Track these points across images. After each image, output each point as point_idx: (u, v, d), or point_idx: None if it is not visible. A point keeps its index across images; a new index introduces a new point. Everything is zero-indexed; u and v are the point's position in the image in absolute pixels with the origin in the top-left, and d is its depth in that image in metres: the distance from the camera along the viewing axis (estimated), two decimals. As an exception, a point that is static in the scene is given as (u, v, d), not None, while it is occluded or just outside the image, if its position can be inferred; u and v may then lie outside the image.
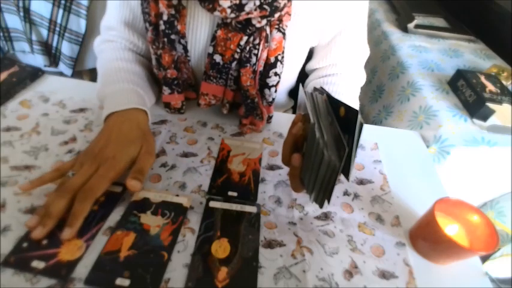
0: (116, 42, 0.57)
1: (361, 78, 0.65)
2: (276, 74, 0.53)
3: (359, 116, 0.33)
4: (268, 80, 0.53)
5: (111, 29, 0.57)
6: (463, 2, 1.26)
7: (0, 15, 1.14)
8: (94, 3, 1.15)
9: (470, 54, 1.01)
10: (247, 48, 0.50)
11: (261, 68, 0.52)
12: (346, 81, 0.61)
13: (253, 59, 0.50)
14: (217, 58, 0.51)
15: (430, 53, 1.00)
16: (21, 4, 1.10)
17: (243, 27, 0.48)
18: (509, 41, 1.04)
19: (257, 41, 0.49)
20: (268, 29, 0.49)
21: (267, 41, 0.50)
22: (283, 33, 0.50)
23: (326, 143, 0.34)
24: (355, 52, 0.62)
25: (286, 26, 0.50)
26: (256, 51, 0.50)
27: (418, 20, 1.12)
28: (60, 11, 1.13)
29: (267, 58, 0.52)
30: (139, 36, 0.57)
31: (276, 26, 0.50)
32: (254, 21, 0.47)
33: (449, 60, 0.97)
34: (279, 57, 0.52)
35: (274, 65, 0.52)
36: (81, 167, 0.41)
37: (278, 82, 0.54)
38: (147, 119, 0.51)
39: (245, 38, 0.49)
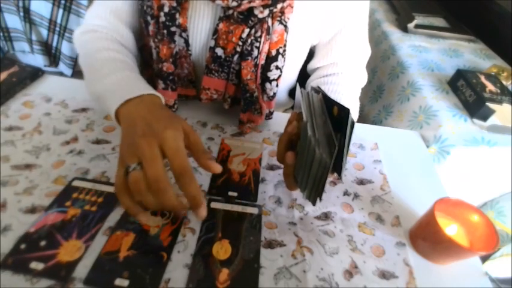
0: (100, 32, 0.53)
1: (362, 78, 0.65)
2: (277, 67, 0.53)
3: (350, 115, 0.33)
4: (269, 74, 0.53)
5: (97, 18, 0.54)
6: (463, 2, 1.26)
7: (0, 15, 1.14)
8: (94, 3, 1.15)
9: (470, 54, 1.01)
10: (249, 40, 0.50)
11: (262, 62, 0.52)
12: (347, 81, 0.61)
13: (255, 52, 0.50)
14: (219, 51, 0.51)
15: (430, 53, 1.00)
16: (21, 4, 1.10)
17: (245, 18, 0.48)
18: (509, 41, 1.04)
19: (259, 34, 0.49)
20: (270, 21, 0.49)
21: (268, 33, 0.50)
22: (285, 26, 0.51)
23: (318, 141, 0.35)
24: (356, 51, 0.62)
25: (288, 19, 0.51)
26: (257, 44, 0.50)
27: (418, 20, 1.12)
28: (60, 11, 1.13)
29: (268, 51, 0.52)
30: (126, 28, 0.54)
31: (278, 18, 0.50)
32: (256, 12, 0.47)
33: (449, 60, 0.97)
34: (281, 50, 0.52)
35: (275, 58, 0.52)
36: (141, 157, 0.33)
37: (279, 76, 0.54)
38: (163, 103, 0.44)
39: (247, 30, 0.49)
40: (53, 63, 1.27)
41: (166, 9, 0.48)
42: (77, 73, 1.30)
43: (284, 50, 0.52)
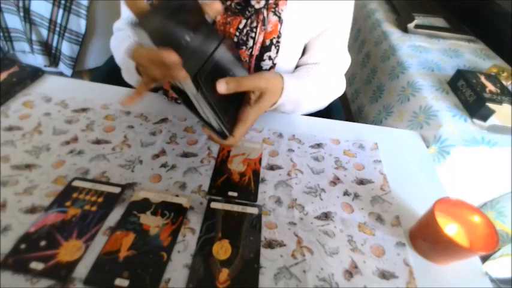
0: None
1: (341, 85, 0.64)
2: (269, 57, 0.54)
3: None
4: (262, 64, 0.55)
5: (120, 30, 0.61)
6: (463, 2, 1.26)
7: (0, 15, 1.14)
8: (94, 3, 1.15)
9: (470, 54, 1.01)
10: (245, 31, 0.51)
11: (257, 52, 0.54)
12: (323, 71, 0.61)
13: (250, 42, 0.52)
14: None
15: (430, 53, 1.00)
16: (21, 4, 1.10)
17: (242, 9, 0.49)
18: (509, 41, 1.04)
19: (254, 24, 0.51)
20: (265, 12, 0.51)
21: (264, 24, 0.51)
22: (279, 17, 0.52)
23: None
24: (336, 55, 0.62)
25: (282, 10, 0.52)
26: (253, 34, 0.52)
27: (418, 20, 1.12)
28: (60, 11, 1.13)
29: (263, 41, 0.53)
30: None
31: (272, 10, 0.51)
32: (253, 2, 0.48)
33: (449, 60, 0.97)
34: (274, 41, 0.53)
35: (268, 48, 0.53)
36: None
37: (271, 67, 0.56)
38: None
39: (244, 21, 0.51)
40: (53, 63, 1.27)
41: None
42: (77, 73, 1.30)
43: (278, 41, 0.53)
